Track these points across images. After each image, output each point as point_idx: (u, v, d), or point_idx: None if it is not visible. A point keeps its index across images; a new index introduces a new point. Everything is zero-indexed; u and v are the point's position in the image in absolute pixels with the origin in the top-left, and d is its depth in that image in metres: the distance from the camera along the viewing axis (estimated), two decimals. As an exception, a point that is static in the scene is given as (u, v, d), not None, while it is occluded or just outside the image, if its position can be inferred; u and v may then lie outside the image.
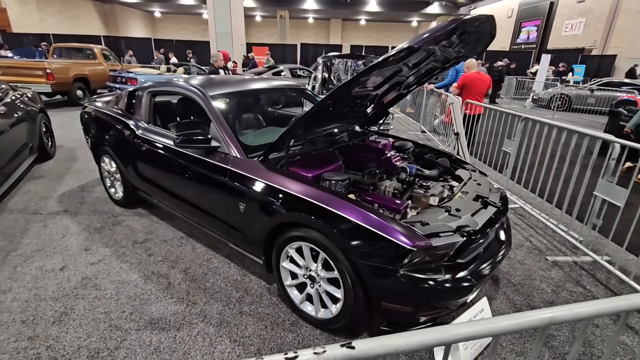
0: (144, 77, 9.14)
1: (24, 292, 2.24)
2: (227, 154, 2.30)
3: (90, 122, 3.62)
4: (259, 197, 2.05)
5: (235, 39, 15.46)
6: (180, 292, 2.29)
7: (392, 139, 2.95)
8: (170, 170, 2.70)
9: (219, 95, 2.61)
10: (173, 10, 32.76)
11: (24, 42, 15.61)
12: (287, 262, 2.06)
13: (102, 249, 2.75)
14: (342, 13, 29.50)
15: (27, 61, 9.25)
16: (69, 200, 3.59)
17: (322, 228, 1.79)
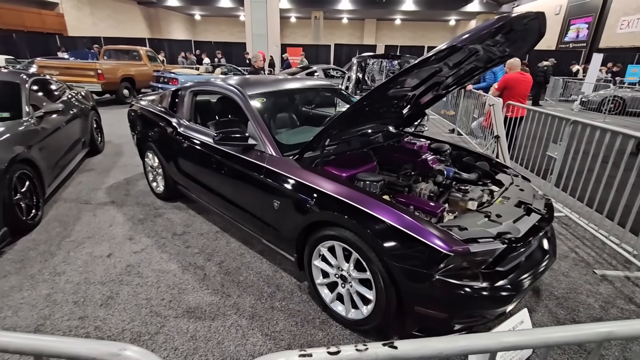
0: (184, 77, 9.56)
1: (76, 275, 2.43)
2: (264, 152, 2.36)
3: (136, 120, 3.85)
4: (293, 195, 2.08)
5: (270, 40, 15.80)
6: (215, 284, 2.37)
7: (428, 141, 2.88)
8: (209, 167, 2.81)
9: (257, 95, 2.68)
10: (212, 13, 33.99)
11: (78, 45, 16.89)
12: (319, 261, 2.07)
13: (145, 239, 2.91)
14: (377, 13, 29.20)
15: (81, 62, 9.99)
16: (116, 192, 3.84)
17: (355, 228, 1.79)
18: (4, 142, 2.87)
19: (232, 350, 1.85)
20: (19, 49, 16.20)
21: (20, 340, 0.57)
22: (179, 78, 9.37)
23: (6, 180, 2.69)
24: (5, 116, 3.34)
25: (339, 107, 4.00)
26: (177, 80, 9.33)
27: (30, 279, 2.37)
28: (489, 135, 5.01)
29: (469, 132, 6.39)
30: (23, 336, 0.58)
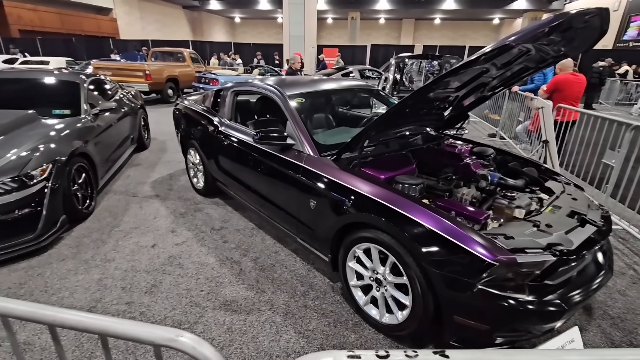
0: (223, 77, 9.91)
1: (124, 263, 2.59)
2: (301, 151, 2.38)
3: (180, 118, 4.04)
4: (329, 196, 2.09)
5: (307, 42, 15.95)
6: (250, 279, 2.43)
7: (470, 144, 2.77)
8: (247, 164, 2.89)
9: (296, 95, 2.71)
10: (251, 16, 34.94)
11: (128, 47, 18.05)
12: (354, 262, 2.06)
13: (185, 232, 3.05)
14: (416, 12, 28.55)
15: (131, 64, 10.66)
16: (160, 187, 4.05)
17: (393, 231, 1.76)
18: (65, 137, 3.13)
19: (266, 345, 1.89)
20: (78, 51, 17.62)
21: (88, 320, 0.62)
22: (219, 79, 9.72)
23: (66, 171, 2.93)
24: (67, 113, 3.63)
25: (375, 108, 3.96)
26: (217, 80, 9.68)
27: (84, 263, 2.56)
28: (536, 140, 4.72)
29: (512, 136, 6.06)
30: (90, 316, 0.63)
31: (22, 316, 0.66)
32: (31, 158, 2.70)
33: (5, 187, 2.50)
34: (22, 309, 0.65)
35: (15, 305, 0.66)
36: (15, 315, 0.66)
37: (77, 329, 0.63)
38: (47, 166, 2.75)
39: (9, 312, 0.66)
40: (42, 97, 3.90)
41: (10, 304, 0.67)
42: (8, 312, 0.66)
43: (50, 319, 0.63)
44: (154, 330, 0.60)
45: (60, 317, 0.63)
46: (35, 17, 20.20)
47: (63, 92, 3.91)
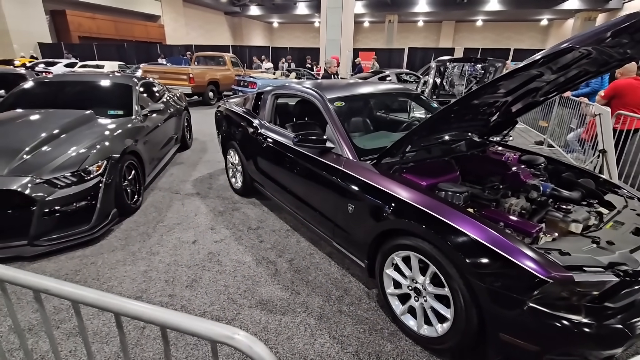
0: (261, 81, 10.17)
1: (167, 256, 2.72)
2: (341, 155, 2.38)
3: (222, 120, 4.19)
4: (369, 201, 2.06)
5: (343, 45, 15.97)
6: (285, 280, 2.46)
7: (518, 152, 2.62)
8: (285, 166, 2.93)
9: (336, 99, 2.71)
10: (289, 20, 35.64)
11: (174, 52, 19.08)
12: (392, 270, 2.02)
13: (224, 230, 3.15)
14: (456, 14, 27.69)
15: (176, 67, 11.25)
16: (200, 185, 4.22)
17: (435, 240, 1.70)
18: (118, 136, 3.35)
19: (301, 347, 1.89)
20: (129, 56, 18.89)
21: (152, 311, 0.65)
22: (258, 82, 9.99)
23: (118, 168, 3.13)
24: (120, 114, 3.90)
25: (414, 112, 3.87)
26: (255, 83, 9.96)
27: (131, 255, 2.72)
28: (590, 149, 4.39)
29: (562, 144, 5.67)
30: (153, 308, 0.66)
31: (92, 303, 0.70)
32: (89, 155, 2.91)
33: (66, 181, 2.71)
34: (92, 296, 0.70)
35: (86, 293, 0.71)
36: (86, 302, 0.70)
37: (141, 319, 0.66)
38: (103, 162, 2.96)
39: (80, 299, 0.71)
40: (99, 98, 4.21)
41: (81, 290, 0.72)
42: (79, 299, 0.71)
43: (117, 307, 0.67)
44: (212, 327, 0.62)
45: (127, 307, 0.66)
46: (93, 24, 21.95)
47: (117, 94, 4.20)
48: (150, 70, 10.18)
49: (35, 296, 0.79)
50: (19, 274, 0.76)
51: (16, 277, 0.75)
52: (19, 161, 2.64)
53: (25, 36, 18.82)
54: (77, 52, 17.94)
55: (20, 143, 2.84)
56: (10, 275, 0.76)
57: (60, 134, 3.11)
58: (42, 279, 0.74)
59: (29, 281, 0.74)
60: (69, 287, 0.71)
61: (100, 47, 19.48)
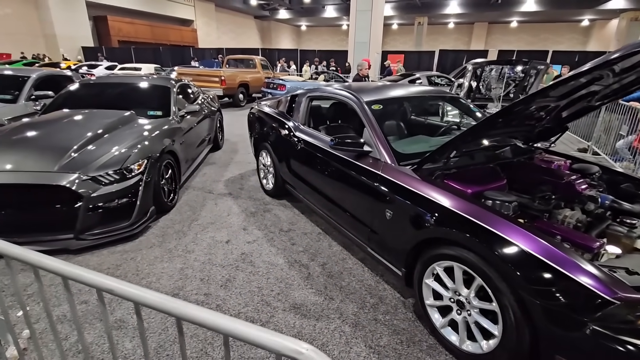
0: (290, 83, 10.26)
1: (202, 255, 2.76)
2: (378, 159, 2.32)
3: (254, 121, 4.24)
4: (409, 207, 1.99)
5: (372, 48, 15.85)
6: (318, 285, 2.43)
7: (569, 160, 2.46)
8: (319, 169, 2.91)
9: (374, 102, 2.66)
10: (317, 24, 35.89)
11: (206, 55, 19.67)
12: (432, 280, 1.93)
13: (256, 231, 3.16)
14: (490, 16, 26.81)
15: (209, 70, 11.57)
16: (232, 185, 4.29)
17: (482, 251, 1.61)
18: (157, 136, 3.46)
19: (336, 355, 1.85)
20: (163, 59, 19.67)
21: (216, 319, 0.63)
22: (286, 84, 10.08)
23: (157, 167, 3.23)
24: (159, 114, 4.03)
25: (450, 116, 3.74)
26: (284, 86, 10.05)
27: (168, 252, 2.78)
28: (642, 158, 4.07)
29: (610, 152, 5.31)
30: (218, 315, 0.64)
31: (155, 306, 0.70)
32: (131, 154, 3.02)
33: (109, 179, 2.82)
34: (155, 299, 0.69)
35: (149, 295, 0.70)
36: (149, 305, 0.70)
37: (206, 326, 0.64)
38: (143, 161, 3.06)
39: (143, 301, 0.71)
40: (139, 99, 4.37)
41: (144, 292, 0.71)
42: (142, 301, 0.71)
43: (179, 312, 0.66)
44: (281, 340, 0.60)
45: (190, 312, 0.65)
46: (132, 29, 23.06)
47: (156, 96, 4.34)
48: (184, 73, 10.52)
49: (98, 296, 0.80)
50: (83, 272, 0.77)
51: (81, 275, 0.76)
52: (68, 159, 2.78)
53: (70, 40, 20.07)
54: (117, 56, 18.89)
55: (69, 141, 2.98)
56: (75, 274, 0.77)
57: (104, 133, 3.24)
58: (105, 279, 0.74)
59: (93, 280, 0.75)
60: (133, 289, 0.71)
61: (137, 51, 20.41)
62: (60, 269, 0.80)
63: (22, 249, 0.94)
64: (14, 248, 0.93)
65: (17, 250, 0.91)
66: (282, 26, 36.42)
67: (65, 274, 0.79)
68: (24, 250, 0.93)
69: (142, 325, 0.79)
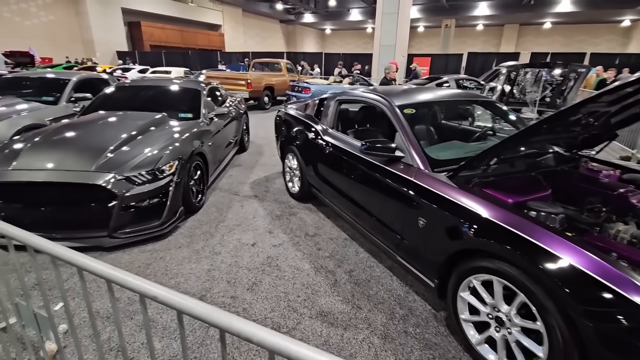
0: (315, 86, 10.28)
1: (228, 257, 2.77)
2: (411, 165, 2.25)
3: (281, 124, 4.25)
4: (444, 216, 1.91)
5: (398, 51, 15.67)
6: (345, 292, 2.37)
7: (618, 169, 2.29)
8: (347, 173, 2.86)
9: (405, 106, 2.59)
10: (341, 27, 35.94)
11: (232, 59, 20.10)
12: (468, 294, 1.84)
13: (282, 235, 3.15)
14: (521, 17, 25.91)
15: (235, 73, 11.80)
16: (258, 187, 4.31)
17: (526, 266, 1.51)
18: (187, 138, 3.52)
19: (365, 367, 1.79)
20: (192, 62, 20.27)
21: (264, 335, 0.60)
22: (311, 87, 10.11)
23: (187, 168, 3.29)
24: (189, 116, 4.12)
25: (483, 120, 3.59)
26: (309, 89, 10.09)
27: (196, 253, 2.81)
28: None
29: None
30: (266, 331, 0.61)
31: (198, 316, 0.67)
32: (162, 155, 3.08)
33: (142, 179, 2.89)
34: (199, 309, 0.67)
35: (193, 305, 0.68)
36: (193, 314, 0.68)
37: (251, 341, 0.61)
38: (174, 163, 3.12)
39: (186, 310, 0.69)
40: (170, 102, 4.49)
41: (188, 302, 0.69)
42: (186, 309, 0.69)
43: (225, 325, 0.63)
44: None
45: (237, 325, 0.62)
46: (163, 34, 23.94)
47: (186, 98, 4.45)
48: (212, 76, 10.77)
49: (140, 300, 0.79)
50: (128, 277, 0.76)
51: (125, 280, 0.76)
52: (104, 159, 2.87)
53: (106, 45, 21.09)
54: (149, 60, 19.67)
55: (105, 142, 3.09)
56: (119, 278, 0.76)
57: (138, 135, 3.34)
58: (149, 285, 0.73)
59: (137, 286, 0.74)
60: (177, 297, 0.69)
61: (167, 55, 21.16)
62: (105, 272, 0.80)
63: (69, 250, 0.95)
64: (60, 249, 0.94)
65: (63, 251, 0.92)
66: (307, 30, 36.72)
67: (111, 277, 0.78)
68: (70, 252, 0.94)
69: (184, 332, 0.77)
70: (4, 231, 1.12)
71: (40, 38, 18.37)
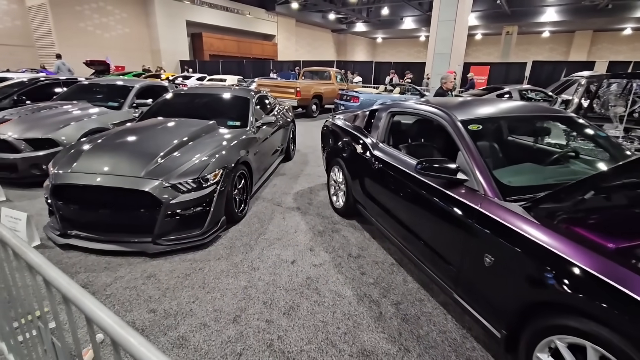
0: (364, 95, 10.07)
1: (266, 274, 2.64)
2: (476, 190, 1.94)
3: (329, 135, 4.09)
4: (520, 257, 1.58)
5: (453, 59, 14.94)
6: (391, 329, 2.10)
7: None
8: (398, 193, 2.59)
9: (470, 121, 2.28)
10: (393, 35, 35.43)
11: (283, 67, 20.61)
12: (548, 356, 1.49)
13: (323, 253, 2.96)
14: (596, 23, 23.50)
15: (285, 81, 11.98)
16: (301, 199, 4.17)
17: (637, 334, 1.15)
18: (234, 147, 3.50)
19: None
20: (246, 71, 21.15)
21: None
22: (360, 96, 9.92)
23: (231, 177, 3.24)
24: (237, 124, 4.12)
25: (554, 138, 3.10)
26: (358, 98, 9.90)
27: (234, 267, 2.72)
28: None
29: None
30: None
31: None
32: (209, 163, 3.06)
33: (187, 187, 2.88)
34: None
35: None
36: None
37: None
38: (219, 171, 3.09)
39: None
40: (221, 109, 4.55)
41: None
42: None
43: None
44: None
45: None
46: (221, 44, 25.35)
47: (236, 106, 4.48)
48: (263, 84, 11.04)
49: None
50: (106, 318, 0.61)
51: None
52: (154, 165, 2.91)
53: (171, 54, 22.81)
54: (208, 68, 20.91)
55: (156, 148, 3.14)
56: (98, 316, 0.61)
57: (188, 141, 3.37)
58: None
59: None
60: None
61: (224, 63, 22.31)
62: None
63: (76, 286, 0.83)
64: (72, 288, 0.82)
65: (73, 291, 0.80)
66: (358, 39, 36.73)
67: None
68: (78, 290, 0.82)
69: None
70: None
71: (116, 48, 20.37)
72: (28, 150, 4.09)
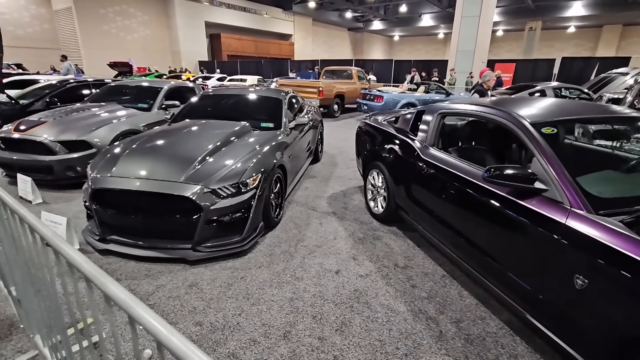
0: (388, 95, 9.84)
1: (311, 285, 2.50)
2: (559, 202, 1.74)
3: (365, 137, 3.92)
4: (625, 282, 1.38)
5: (477, 56, 14.50)
6: (456, 352, 1.93)
7: None
8: (454, 201, 2.41)
9: (543, 124, 2.07)
10: (411, 33, 34.86)
11: (301, 67, 20.52)
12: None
13: (367, 263, 2.80)
14: (626, 17, 22.49)
15: (307, 81, 11.85)
16: (335, 203, 4.02)
17: None
18: (270, 150, 3.37)
19: None
20: (264, 70, 21.15)
21: None
22: (384, 96, 9.69)
23: (269, 181, 3.12)
24: (270, 126, 4.00)
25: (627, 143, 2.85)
26: (382, 97, 9.68)
27: (277, 276, 2.59)
28: None
29: None
30: None
31: None
32: (247, 168, 2.95)
33: (227, 192, 2.77)
34: None
35: None
36: None
37: None
38: (257, 176, 2.97)
39: None
40: (252, 111, 4.45)
41: None
42: None
43: None
44: None
45: None
46: (239, 45, 25.48)
47: (268, 108, 4.36)
48: (285, 84, 10.94)
49: None
50: None
51: None
52: (193, 170, 2.81)
53: (190, 55, 23.07)
54: (227, 69, 21.02)
55: (193, 152, 3.05)
56: None
57: (222, 145, 3.26)
58: None
59: None
60: None
61: (242, 64, 22.39)
62: None
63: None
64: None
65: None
66: (374, 37, 36.32)
67: None
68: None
69: None
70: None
71: (138, 50, 20.73)
72: (63, 152, 4.09)
